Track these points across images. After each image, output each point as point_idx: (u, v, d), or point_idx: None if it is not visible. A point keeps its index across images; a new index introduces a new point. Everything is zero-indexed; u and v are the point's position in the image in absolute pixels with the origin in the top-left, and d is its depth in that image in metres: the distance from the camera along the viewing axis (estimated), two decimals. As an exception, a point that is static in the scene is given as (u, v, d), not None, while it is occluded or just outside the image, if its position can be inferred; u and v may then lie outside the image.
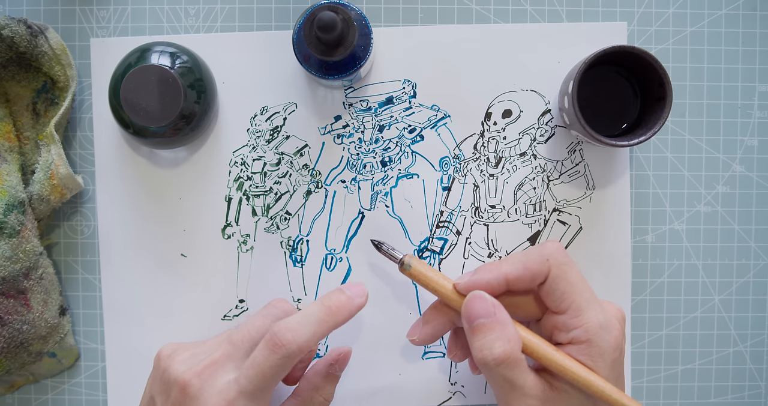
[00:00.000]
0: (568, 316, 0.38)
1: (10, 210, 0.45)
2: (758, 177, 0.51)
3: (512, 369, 0.37)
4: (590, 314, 0.38)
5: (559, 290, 0.38)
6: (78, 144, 0.51)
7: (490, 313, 0.38)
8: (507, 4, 0.51)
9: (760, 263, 0.52)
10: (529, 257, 0.39)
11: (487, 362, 0.37)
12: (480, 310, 0.38)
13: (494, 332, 0.37)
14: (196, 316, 0.51)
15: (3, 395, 0.50)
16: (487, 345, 0.37)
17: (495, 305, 0.39)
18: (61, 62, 0.48)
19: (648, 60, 0.44)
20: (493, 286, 0.39)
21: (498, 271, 0.39)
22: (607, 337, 0.38)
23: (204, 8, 0.51)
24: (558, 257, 0.39)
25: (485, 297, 0.39)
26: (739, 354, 0.52)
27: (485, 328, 0.38)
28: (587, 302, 0.38)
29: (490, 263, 0.40)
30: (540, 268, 0.39)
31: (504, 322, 0.38)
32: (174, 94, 0.44)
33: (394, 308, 0.51)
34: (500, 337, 0.37)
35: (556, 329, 0.39)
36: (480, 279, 0.39)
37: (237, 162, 0.51)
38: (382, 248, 0.44)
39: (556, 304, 0.39)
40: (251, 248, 0.50)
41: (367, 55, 0.44)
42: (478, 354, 0.37)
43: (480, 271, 0.40)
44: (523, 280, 0.39)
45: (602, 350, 0.38)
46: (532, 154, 0.51)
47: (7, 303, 0.45)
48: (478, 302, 0.39)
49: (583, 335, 0.38)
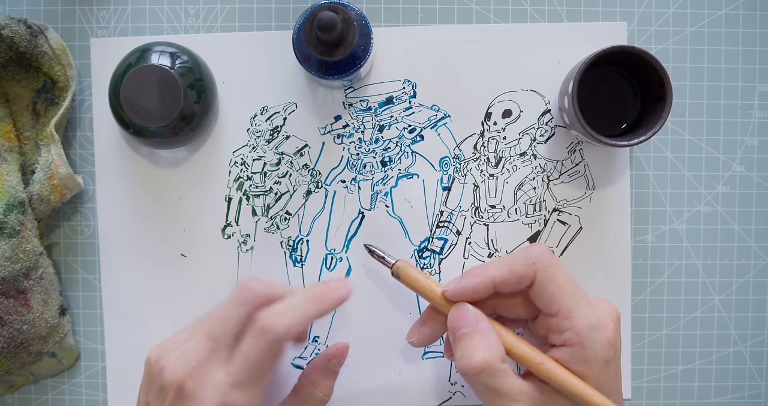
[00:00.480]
0: (559, 318, 0.38)
1: (10, 210, 0.45)
2: (758, 177, 0.51)
3: (494, 377, 0.37)
4: (580, 315, 0.38)
5: (547, 293, 0.38)
6: (78, 144, 0.51)
7: (471, 324, 0.39)
8: (507, 4, 0.51)
9: (760, 263, 0.52)
10: (515, 260, 0.39)
11: (467, 371, 0.37)
12: (462, 321, 0.39)
13: (474, 340, 0.38)
14: (197, 316, 0.50)
15: (3, 395, 0.50)
16: (466, 354, 0.37)
17: (477, 315, 0.39)
18: (61, 62, 0.48)
19: (648, 60, 0.44)
20: (480, 290, 0.39)
21: (485, 275, 0.39)
22: (598, 337, 0.38)
23: (204, 8, 0.51)
24: (544, 259, 0.39)
25: (467, 308, 0.39)
26: (739, 354, 0.52)
27: (466, 337, 0.38)
28: (577, 304, 0.38)
29: (477, 267, 0.40)
30: (526, 271, 0.38)
31: (484, 332, 0.38)
32: (174, 94, 0.44)
33: (394, 308, 0.51)
34: (480, 346, 0.37)
35: (550, 330, 0.39)
36: (467, 285, 0.39)
37: (237, 162, 0.51)
38: (374, 253, 0.44)
39: (546, 306, 0.39)
40: (251, 248, 0.50)
41: (367, 55, 0.44)
42: (459, 363, 0.38)
43: (466, 276, 0.40)
44: (509, 283, 0.39)
45: (595, 351, 0.37)
46: (532, 154, 0.51)
47: (7, 303, 0.45)
48: (460, 313, 0.39)
49: (574, 338, 0.38)
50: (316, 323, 0.50)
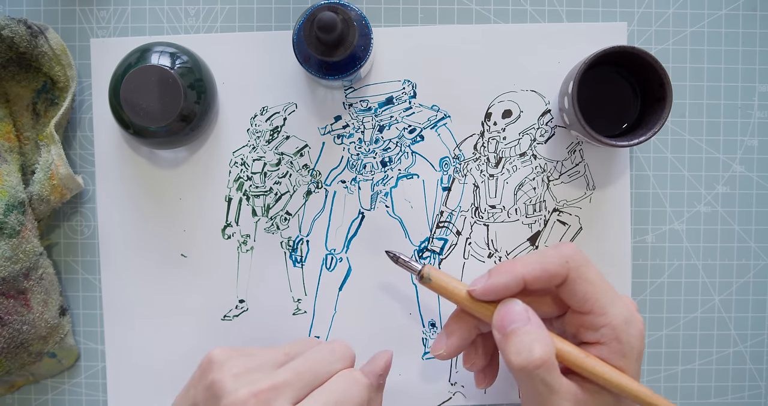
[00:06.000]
0: (593, 315, 0.38)
1: (10, 210, 0.45)
2: (758, 177, 0.51)
3: (550, 372, 0.36)
4: (615, 310, 0.38)
5: (581, 292, 0.38)
6: (78, 144, 0.51)
7: (523, 319, 0.38)
8: (507, 5, 0.51)
9: (760, 263, 0.52)
10: (546, 258, 0.39)
11: (525, 366, 0.36)
12: (513, 316, 0.38)
13: (530, 335, 0.37)
14: (196, 316, 0.51)
15: (3, 395, 0.50)
16: (525, 348, 0.36)
17: (528, 310, 0.38)
18: (61, 62, 0.48)
19: (648, 60, 0.44)
20: (511, 288, 0.39)
21: (514, 272, 0.39)
22: (633, 331, 0.38)
23: (204, 8, 0.51)
24: (577, 258, 0.38)
25: (517, 303, 0.38)
26: (739, 354, 0.52)
27: (522, 332, 0.37)
28: (610, 300, 0.38)
29: (503, 265, 0.40)
30: (559, 270, 0.38)
31: (538, 326, 0.37)
32: (174, 94, 0.44)
33: (394, 308, 0.51)
34: (537, 339, 0.36)
35: (583, 327, 0.39)
36: (497, 282, 0.39)
37: (237, 162, 0.50)
38: (399, 260, 0.43)
39: (579, 305, 0.38)
40: (251, 248, 0.50)
41: (367, 55, 0.44)
42: (516, 358, 0.36)
43: (495, 274, 0.39)
44: (540, 281, 0.38)
45: (631, 345, 0.38)
46: (532, 155, 0.51)
47: (7, 303, 0.45)
48: (510, 308, 0.38)
49: (611, 333, 0.38)
50: (317, 322, 0.51)
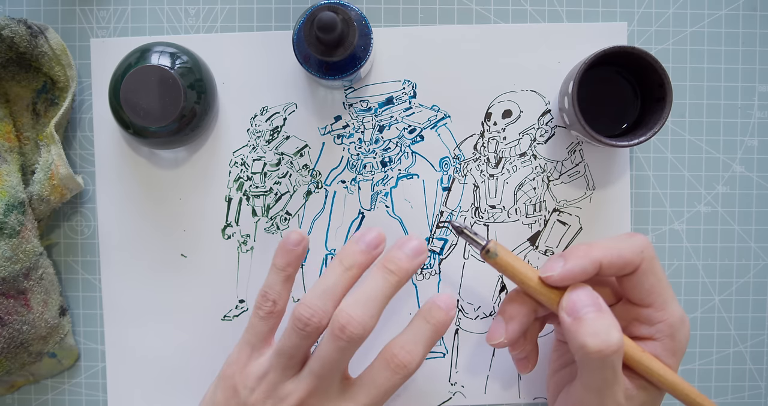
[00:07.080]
0: (653, 309, 0.38)
1: (10, 210, 0.45)
2: (758, 177, 0.51)
3: (620, 361, 0.36)
4: (674, 307, 0.38)
5: (647, 284, 0.38)
6: (78, 144, 0.51)
7: (597, 304, 0.37)
8: (507, 4, 0.51)
9: (760, 263, 0.52)
10: (623, 245, 0.38)
11: (603, 349, 0.35)
12: (586, 300, 0.37)
13: (605, 320, 0.36)
14: (196, 316, 0.51)
15: (3, 395, 0.50)
16: (602, 332, 0.35)
17: (598, 296, 0.37)
18: (61, 62, 0.48)
19: (648, 60, 0.44)
20: (588, 272, 0.38)
21: (592, 257, 0.37)
22: (685, 331, 0.38)
23: (204, 8, 0.51)
24: (650, 250, 0.38)
25: (588, 288, 0.38)
26: (739, 354, 0.52)
27: (595, 317, 0.36)
28: (671, 296, 0.38)
29: (578, 248, 0.38)
30: (633, 259, 0.37)
31: (611, 313, 0.37)
32: (174, 94, 0.44)
33: (394, 308, 0.51)
34: (612, 325, 0.36)
35: (638, 321, 0.39)
36: (576, 267, 0.37)
37: (237, 162, 0.51)
38: (464, 232, 0.41)
39: (641, 297, 0.38)
40: (251, 248, 0.50)
41: (367, 55, 0.44)
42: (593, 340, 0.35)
43: (572, 258, 0.38)
44: (613, 268, 0.38)
45: (681, 344, 0.38)
46: (532, 155, 0.51)
47: (7, 303, 0.45)
48: (581, 292, 0.37)
49: (666, 330, 0.38)
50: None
